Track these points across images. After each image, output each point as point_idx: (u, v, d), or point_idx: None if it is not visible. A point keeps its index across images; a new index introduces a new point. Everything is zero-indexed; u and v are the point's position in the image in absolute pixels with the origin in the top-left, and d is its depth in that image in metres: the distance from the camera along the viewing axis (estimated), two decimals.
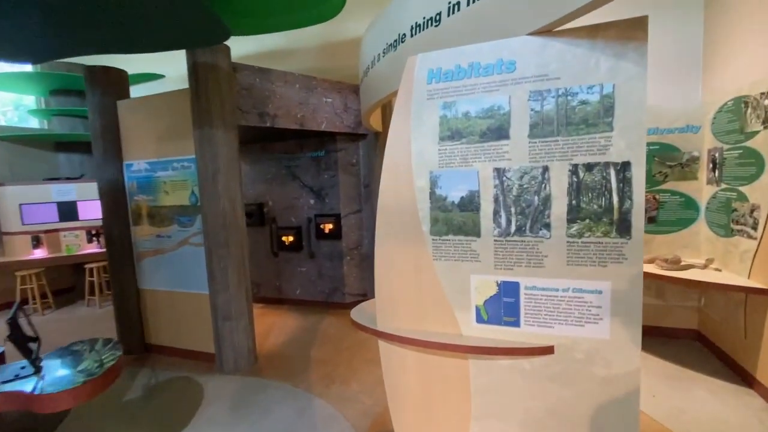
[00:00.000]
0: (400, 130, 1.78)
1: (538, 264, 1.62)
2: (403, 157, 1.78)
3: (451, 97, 1.68)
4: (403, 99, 1.76)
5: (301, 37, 4.90)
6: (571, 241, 1.56)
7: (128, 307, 3.85)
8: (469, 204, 1.69)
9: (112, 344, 2.12)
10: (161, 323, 3.82)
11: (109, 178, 3.72)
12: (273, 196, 5.02)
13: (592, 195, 1.51)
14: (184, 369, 3.49)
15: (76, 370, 1.92)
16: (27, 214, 5.71)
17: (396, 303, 1.87)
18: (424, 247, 1.78)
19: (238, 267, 3.29)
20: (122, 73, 3.79)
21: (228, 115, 3.18)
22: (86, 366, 1.94)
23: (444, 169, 1.71)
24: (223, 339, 3.32)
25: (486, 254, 1.69)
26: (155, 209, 3.65)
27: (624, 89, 1.45)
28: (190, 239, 3.51)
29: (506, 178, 1.62)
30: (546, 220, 1.58)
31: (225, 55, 3.16)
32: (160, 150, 3.54)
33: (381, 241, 1.87)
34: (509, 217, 1.63)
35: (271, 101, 3.62)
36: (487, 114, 1.63)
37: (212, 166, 3.15)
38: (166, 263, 3.69)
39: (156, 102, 3.52)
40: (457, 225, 1.72)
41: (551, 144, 1.55)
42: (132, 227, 3.80)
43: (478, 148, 1.65)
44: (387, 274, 1.88)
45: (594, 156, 1.50)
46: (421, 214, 1.77)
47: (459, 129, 1.67)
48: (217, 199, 3.18)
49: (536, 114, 1.56)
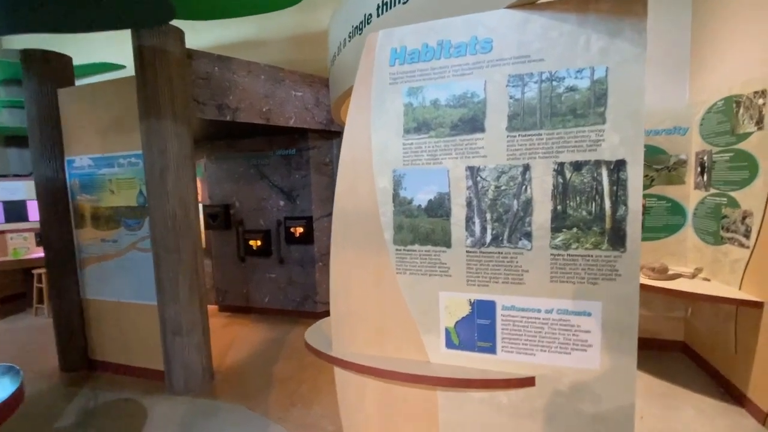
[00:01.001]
0: (358, 121, 1.51)
1: (517, 280, 1.37)
2: (362, 153, 1.51)
3: (417, 82, 1.42)
4: (362, 84, 1.49)
5: (271, 27, 4.59)
6: (556, 253, 1.31)
7: (69, 319, 3.45)
8: (438, 208, 1.43)
9: (9, 374, 1.77)
10: (107, 337, 3.44)
11: (48, 175, 3.32)
12: (240, 196, 4.68)
13: (581, 199, 1.27)
14: (130, 389, 3.13)
15: None
16: None
17: (354, 324, 1.60)
18: (386, 258, 1.52)
19: (190, 275, 2.96)
20: (64, 58, 3.41)
21: (179, 105, 2.85)
22: None
23: (409, 166, 1.45)
24: (173, 356, 2.97)
25: (457, 268, 1.43)
26: (100, 210, 3.27)
27: (619, 73, 1.21)
28: (138, 244, 3.16)
29: (481, 179, 1.37)
30: (527, 228, 1.34)
31: (177, 39, 2.83)
32: (106, 144, 3.17)
33: (337, 250, 1.59)
34: (484, 225, 1.38)
35: (233, 93, 3.30)
36: (459, 102, 1.38)
37: (160, 163, 2.81)
38: (111, 271, 3.31)
39: (101, 90, 3.16)
40: (424, 233, 1.46)
41: (533, 138, 1.31)
42: (74, 230, 3.41)
43: (448, 142, 1.40)
44: (344, 289, 1.60)
45: (583, 153, 1.26)
46: (383, 220, 1.50)
47: (426, 120, 1.42)
48: (166, 199, 2.84)
49: (516, 102, 1.32)
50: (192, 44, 3.13)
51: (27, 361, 3.66)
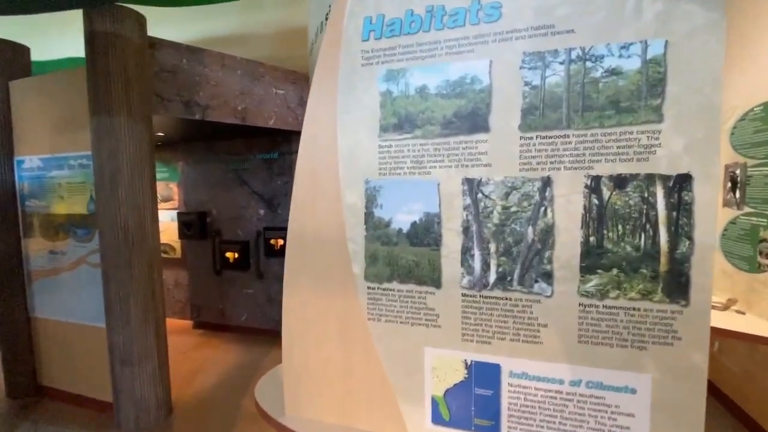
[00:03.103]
0: (319, 117, 1.13)
1: (531, 337, 0.99)
2: (325, 158, 1.13)
3: (399, 62, 1.05)
4: (325, 66, 1.12)
5: (255, 21, 4.24)
6: (587, 303, 0.93)
7: (15, 339, 3.04)
8: (424, 234, 1.05)
9: None
10: (55, 361, 3.03)
11: None
12: (217, 204, 4.30)
13: (625, 229, 0.90)
14: (75, 423, 2.72)
15: None
16: None
17: (312, 383, 1.21)
18: (355, 298, 1.13)
19: (143, 295, 2.56)
20: (20, 48, 3.04)
21: (136, 100, 2.48)
22: None
23: (387, 177, 1.08)
24: (122, 389, 2.57)
25: (449, 316, 1.05)
26: (48, 218, 2.89)
27: (684, 50, 0.84)
28: (87, 258, 2.76)
29: (483, 196, 0.99)
30: (545, 266, 0.96)
31: (135, 25, 2.47)
32: (57, 143, 2.80)
33: (291, 285, 1.21)
34: (486, 259, 1.00)
35: (203, 88, 2.94)
36: (455, 90, 1.00)
37: (110, 166, 2.43)
38: (60, 287, 2.91)
39: (54, 82, 2.79)
40: (406, 267, 1.07)
41: (557, 142, 0.93)
42: (23, 240, 3.01)
43: (439, 145, 1.02)
44: (298, 337, 1.22)
45: (629, 163, 0.89)
46: (352, 247, 1.12)
47: (410, 114, 1.04)
48: (116, 207, 2.45)
49: (533, 92, 0.95)
50: (170, 38, 2.78)
51: None
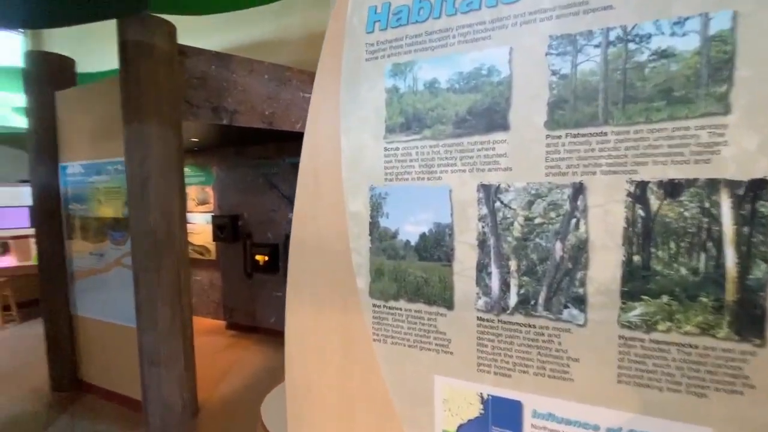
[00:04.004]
0: (321, 117, 1.04)
1: (559, 372, 0.83)
2: (328, 162, 1.04)
3: (406, 55, 0.94)
4: (328, 63, 1.03)
5: (289, 26, 4.28)
6: (630, 336, 0.77)
7: (59, 336, 3.23)
8: (434, 248, 0.93)
9: None
10: (93, 358, 3.17)
11: (42, 182, 3.13)
12: (248, 207, 4.36)
13: (679, 246, 0.73)
14: (108, 420, 2.81)
15: None
16: None
17: (313, 406, 1.12)
18: (359, 316, 1.03)
19: (171, 300, 2.60)
20: (66, 60, 3.23)
21: (166, 107, 2.54)
22: None
23: (393, 183, 0.97)
24: (150, 389, 2.62)
25: (462, 342, 0.92)
26: (88, 221, 3.03)
27: (759, 23, 0.67)
28: (122, 260, 2.86)
29: (502, 205, 0.86)
30: (577, 289, 0.80)
31: (166, 34, 2.53)
32: (96, 150, 2.93)
33: (292, 298, 1.13)
34: (506, 278, 0.86)
35: (231, 94, 2.97)
36: (469, 84, 0.88)
37: (141, 171, 2.50)
38: (98, 287, 3.05)
39: (95, 92, 2.92)
40: (414, 284, 0.96)
41: (592, 141, 0.78)
42: (66, 241, 3.19)
43: (451, 146, 0.90)
44: (300, 355, 1.13)
45: (684, 166, 0.72)
46: (356, 260, 1.02)
47: (419, 112, 0.93)
48: (146, 212, 2.52)
49: (562, 82, 0.80)
50: (204, 46, 2.84)
51: (29, 372, 3.48)
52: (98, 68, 4.49)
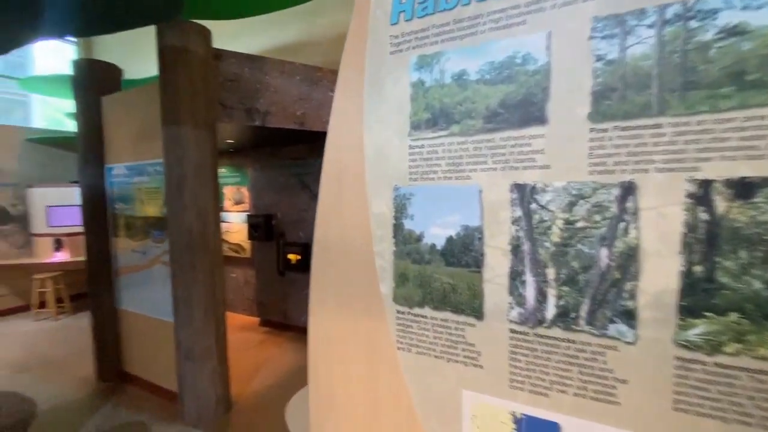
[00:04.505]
0: (344, 115, 1.00)
1: (604, 395, 0.74)
2: (351, 162, 1.00)
3: (433, 46, 0.87)
4: (351, 58, 0.98)
5: (316, 28, 4.31)
6: (689, 358, 0.67)
7: (105, 328, 3.41)
8: (462, 253, 0.86)
9: None
10: (135, 350, 3.33)
11: (89, 183, 3.32)
12: (282, 207, 4.43)
13: (752, 256, 0.62)
14: (147, 410, 2.94)
15: None
16: (52, 216, 5.67)
17: (337, 416, 1.08)
18: (383, 322, 0.98)
19: (205, 296, 2.67)
20: (111, 67, 3.41)
21: (200, 109, 2.60)
22: None
23: (418, 183, 0.91)
24: (185, 383, 2.71)
25: (493, 355, 0.85)
26: (131, 220, 3.18)
27: None
28: (161, 257, 2.98)
29: (538, 207, 0.78)
30: (626, 302, 0.71)
31: (201, 38, 2.60)
32: (137, 152, 3.06)
33: (315, 301, 1.10)
34: (542, 288, 0.78)
35: (263, 95, 3.01)
36: (502, 74, 0.80)
37: (177, 172, 2.58)
38: (139, 282, 3.19)
39: (138, 96, 3.06)
40: (440, 290, 0.89)
41: (645, 134, 0.69)
42: (111, 239, 3.36)
43: (481, 142, 0.83)
44: (324, 361, 1.10)
45: (759, 162, 0.61)
46: (379, 263, 0.97)
47: (446, 106, 0.86)
48: (183, 211, 2.59)
49: (609, 68, 0.71)
50: (237, 49, 2.91)
51: (75, 362, 3.73)
52: (144, 74, 4.72)
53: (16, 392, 3.15)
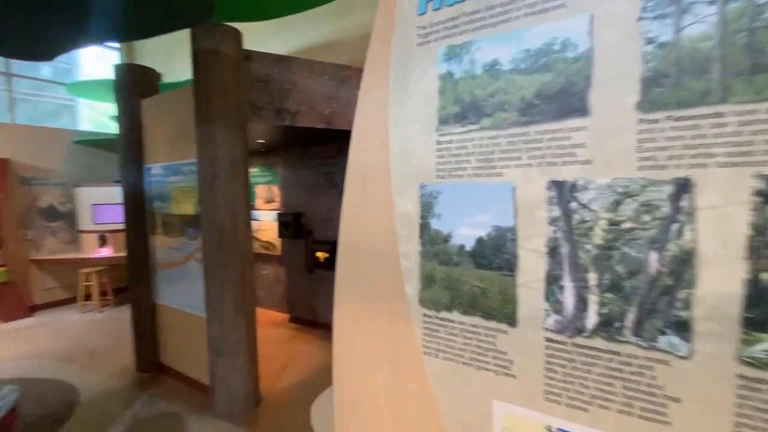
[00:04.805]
0: (370, 110, 0.97)
1: (653, 413, 0.67)
2: (376, 158, 0.96)
3: (463, 35, 0.83)
4: (377, 52, 0.95)
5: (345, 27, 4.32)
6: (755, 377, 0.59)
7: (143, 321, 3.57)
8: (493, 255, 0.81)
9: (1, 403, 1.65)
10: (170, 343, 3.46)
11: (130, 182, 3.48)
12: (311, 206, 4.48)
13: None
14: (181, 402, 3.04)
15: None
16: (98, 214, 6.00)
17: (362, 416, 1.05)
18: (408, 325, 0.94)
19: (235, 293, 2.73)
20: (149, 71, 3.55)
21: (232, 110, 2.66)
22: None
23: (446, 180, 0.86)
24: (217, 376, 2.78)
25: (527, 365, 0.79)
26: (167, 218, 3.30)
27: None
28: (195, 254, 3.07)
29: (579, 206, 0.72)
30: (680, 312, 0.64)
31: (232, 41, 2.65)
32: (172, 152, 3.18)
33: (340, 300, 1.07)
34: (583, 294, 0.72)
35: (292, 95, 3.04)
36: (538, 63, 0.74)
37: (210, 171, 2.64)
38: (174, 278, 3.31)
39: (173, 98, 3.17)
40: (470, 294, 0.85)
41: (703, 124, 0.61)
42: (150, 236, 3.51)
43: (515, 136, 0.77)
44: (348, 363, 1.07)
45: None
46: (405, 264, 0.94)
47: (477, 99, 0.81)
48: (215, 210, 2.66)
49: (661, 52, 0.64)
50: (268, 51, 2.97)
51: (116, 353, 3.93)
52: (181, 78, 4.90)
53: (62, 380, 3.35)
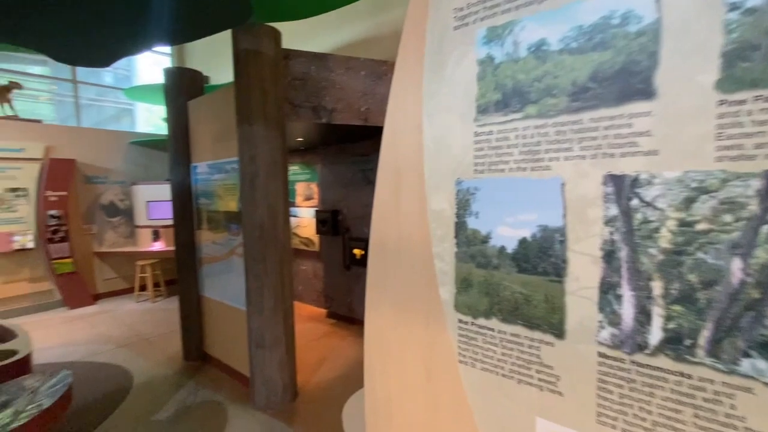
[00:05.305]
0: (402, 100, 0.91)
1: None
2: (408, 152, 0.91)
3: (505, 14, 0.75)
4: (411, 40, 0.89)
5: (382, 23, 4.27)
6: None
7: (190, 312, 3.74)
8: (538, 258, 0.73)
9: (59, 385, 1.76)
10: (214, 334, 3.61)
11: (178, 181, 3.65)
12: (347, 203, 4.50)
13: None
14: (223, 391, 3.16)
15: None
16: (152, 210, 6.40)
17: (394, 423, 1.01)
18: (443, 331, 0.88)
19: (274, 288, 2.78)
20: (196, 73, 3.71)
21: (270, 109, 2.70)
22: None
23: (485, 175, 0.79)
24: (256, 369, 2.85)
25: (576, 382, 0.70)
26: (211, 214, 3.43)
27: None
28: (236, 249, 3.17)
29: (641, 203, 0.62)
30: (767, 331, 0.53)
31: (272, 41, 2.68)
32: (217, 151, 3.29)
33: (372, 301, 1.03)
34: (645, 305, 0.62)
35: (329, 92, 3.04)
36: (593, 40, 0.65)
37: (250, 169, 2.70)
38: (218, 272, 3.44)
39: (216, 99, 3.28)
40: (511, 301, 0.77)
41: None
42: (196, 231, 3.67)
43: (565, 125, 0.69)
44: (380, 366, 1.03)
45: None
46: (439, 266, 0.87)
47: (520, 84, 0.73)
48: (255, 206, 2.72)
49: (747, 19, 0.53)
50: (311, 50, 3.00)
51: (166, 341, 4.17)
52: (226, 80, 5.09)
53: (118, 364, 3.60)
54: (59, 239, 5.39)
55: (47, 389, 1.72)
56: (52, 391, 1.68)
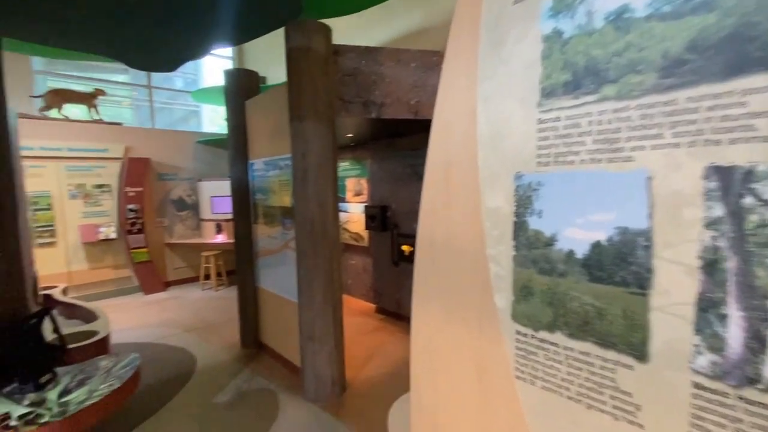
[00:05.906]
0: (454, 86, 0.83)
1: None
2: (460, 143, 0.83)
3: None
4: (464, 17, 0.80)
5: (433, 14, 4.14)
6: None
7: (248, 302, 3.93)
8: (616, 265, 0.62)
9: (128, 367, 1.90)
10: (268, 324, 3.76)
11: (237, 177, 3.84)
12: (396, 198, 4.45)
13: None
14: (276, 380, 3.28)
15: (58, 400, 1.64)
16: (215, 205, 6.84)
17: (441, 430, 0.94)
18: (497, 341, 0.80)
19: (324, 282, 2.82)
20: (252, 74, 3.85)
21: (321, 105, 2.72)
22: (74, 397, 1.67)
23: (550, 168, 0.69)
24: (306, 361, 2.91)
25: (663, 414, 0.59)
26: (267, 209, 3.56)
27: None
28: (289, 243, 3.26)
29: (758, 202, 0.49)
30: None
31: (322, 37, 2.69)
32: (272, 148, 3.40)
33: (419, 306, 0.97)
34: (759, 328, 0.50)
35: (378, 87, 2.99)
36: (690, 3, 0.53)
37: (302, 165, 2.75)
38: (272, 264, 3.57)
39: (271, 97, 3.38)
40: (581, 314, 0.67)
41: None
42: (253, 225, 3.84)
43: (653, 107, 0.57)
44: (428, 369, 0.96)
45: None
46: (495, 270, 0.79)
47: (595, 61, 0.62)
48: (306, 202, 2.76)
49: None
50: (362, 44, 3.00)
51: (226, 328, 4.43)
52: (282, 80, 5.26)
53: (184, 348, 3.87)
54: (136, 231, 5.95)
55: (119, 369, 1.88)
56: (122, 372, 1.83)
